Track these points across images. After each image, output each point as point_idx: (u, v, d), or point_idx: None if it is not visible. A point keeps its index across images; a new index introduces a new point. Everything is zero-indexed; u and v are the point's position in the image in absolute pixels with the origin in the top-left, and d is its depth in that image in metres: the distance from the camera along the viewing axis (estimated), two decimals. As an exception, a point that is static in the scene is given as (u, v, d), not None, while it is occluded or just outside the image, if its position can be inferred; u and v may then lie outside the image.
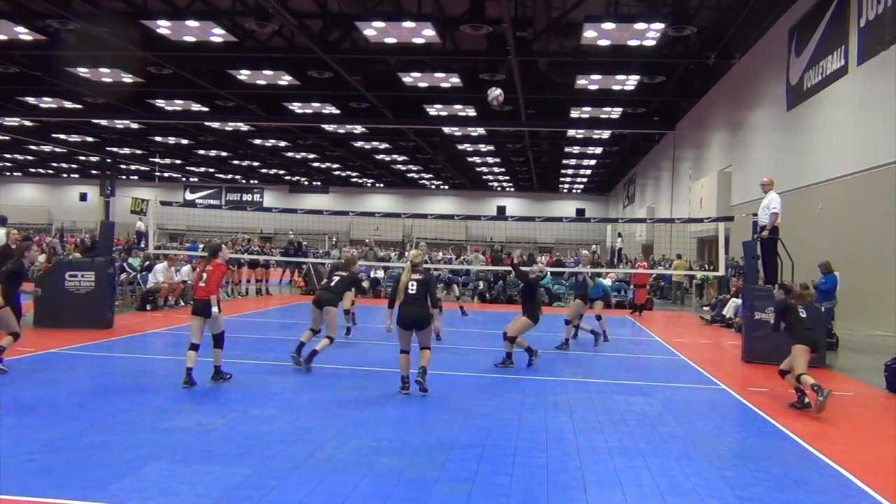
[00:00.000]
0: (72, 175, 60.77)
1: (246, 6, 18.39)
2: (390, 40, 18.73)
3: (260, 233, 38.75)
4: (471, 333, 13.61)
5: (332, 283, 9.93)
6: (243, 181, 60.77)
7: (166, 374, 8.43)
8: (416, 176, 53.87)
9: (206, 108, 29.51)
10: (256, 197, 58.26)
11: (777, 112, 18.59)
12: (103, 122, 34.17)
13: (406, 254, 10.56)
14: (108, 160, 46.54)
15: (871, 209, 13.54)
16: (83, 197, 59.85)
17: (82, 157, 48.65)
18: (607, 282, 19.21)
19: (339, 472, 5.05)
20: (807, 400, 7.66)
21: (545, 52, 21.28)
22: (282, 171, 53.88)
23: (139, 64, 22.91)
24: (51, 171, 59.59)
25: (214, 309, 7.80)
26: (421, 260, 8.17)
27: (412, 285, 7.76)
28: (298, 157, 44.78)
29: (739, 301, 14.42)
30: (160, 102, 29.25)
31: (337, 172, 52.67)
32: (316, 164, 48.39)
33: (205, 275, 7.93)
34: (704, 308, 19.12)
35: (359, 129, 33.33)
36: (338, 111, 28.80)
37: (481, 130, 32.86)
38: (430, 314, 7.93)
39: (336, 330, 9.66)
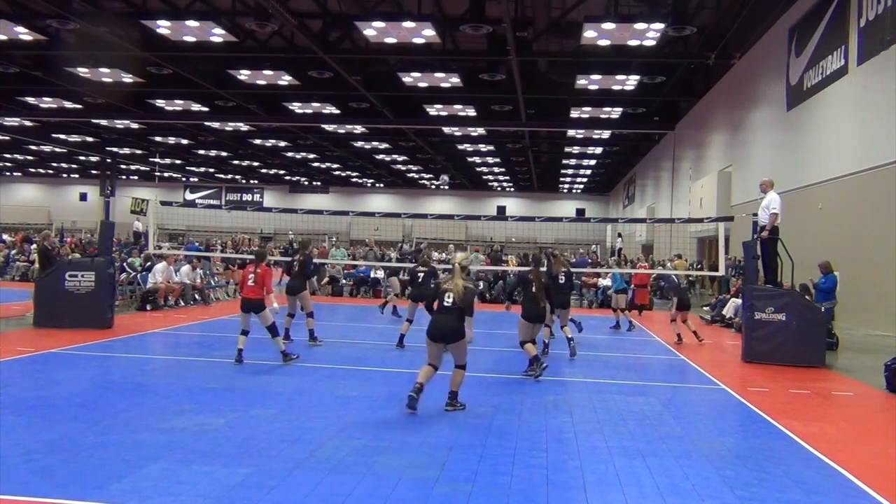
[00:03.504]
0: (72, 175, 60.77)
1: (246, 6, 18.40)
2: (390, 40, 18.72)
3: (260, 233, 38.74)
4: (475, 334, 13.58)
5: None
6: (243, 181, 60.76)
7: (166, 374, 8.43)
8: (416, 176, 53.87)
9: (206, 108, 29.51)
10: (256, 197, 58.21)
11: (777, 112, 18.59)
12: (103, 122, 34.17)
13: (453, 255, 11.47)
14: (108, 160, 46.53)
15: (870, 209, 13.55)
16: (83, 197, 59.86)
17: (82, 157, 48.64)
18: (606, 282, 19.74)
19: (340, 472, 5.05)
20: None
21: (545, 52, 21.28)
22: (282, 171, 53.89)
23: (139, 64, 22.92)
24: (51, 171, 59.60)
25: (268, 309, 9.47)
26: (468, 263, 7.48)
27: (448, 297, 6.88)
28: (298, 157, 44.78)
29: (739, 301, 14.43)
30: (160, 102, 29.24)
31: (337, 172, 52.67)
32: (316, 164, 48.40)
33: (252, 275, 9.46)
34: (704, 308, 19.13)
35: (359, 129, 33.32)
36: (338, 111, 28.80)
37: (481, 130, 32.85)
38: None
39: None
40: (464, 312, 6.89)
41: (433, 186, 59.05)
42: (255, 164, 49.54)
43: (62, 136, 39.92)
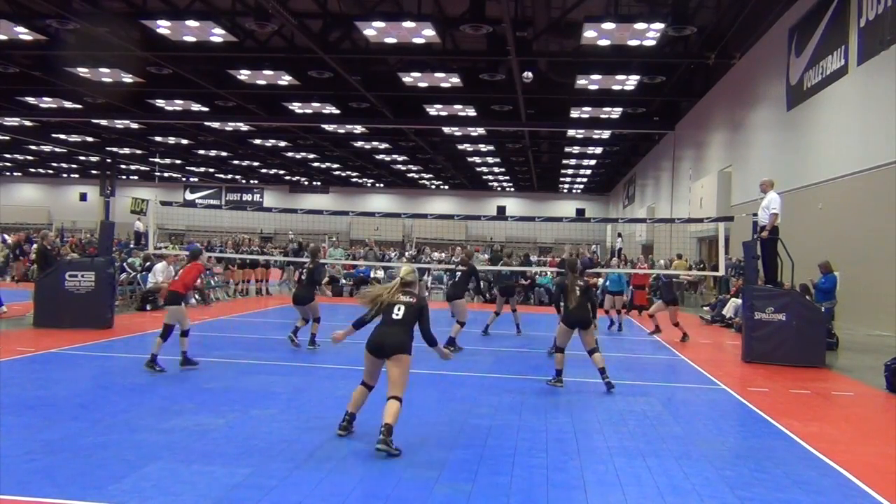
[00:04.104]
0: (72, 175, 60.74)
1: (246, 6, 18.39)
2: (390, 40, 18.72)
3: (260, 233, 38.74)
4: (472, 333, 13.61)
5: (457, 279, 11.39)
6: (243, 181, 60.74)
7: (166, 374, 8.44)
8: (415, 176, 53.86)
9: (205, 108, 29.51)
10: (256, 197, 58.19)
11: (777, 112, 18.59)
12: (103, 122, 34.16)
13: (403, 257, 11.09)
14: (108, 160, 46.52)
15: (871, 209, 13.55)
16: (83, 197, 59.82)
17: (82, 157, 48.62)
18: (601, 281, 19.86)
19: (339, 472, 5.05)
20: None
21: (545, 53, 21.28)
22: (282, 171, 53.87)
23: (139, 64, 22.92)
24: (51, 171, 59.57)
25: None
26: (414, 279, 6.24)
27: (399, 309, 5.97)
28: (298, 157, 44.77)
29: (739, 301, 14.43)
30: (160, 102, 29.24)
31: (337, 172, 52.65)
32: (316, 164, 48.39)
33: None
34: (704, 308, 19.14)
35: (359, 129, 33.31)
36: (338, 111, 28.80)
37: (481, 130, 32.86)
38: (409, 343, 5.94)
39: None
40: (410, 327, 5.98)
41: (433, 187, 59.08)
42: (255, 164, 49.53)
43: (62, 136, 39.92)
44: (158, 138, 39.49)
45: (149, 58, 21.84)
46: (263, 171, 53.65)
